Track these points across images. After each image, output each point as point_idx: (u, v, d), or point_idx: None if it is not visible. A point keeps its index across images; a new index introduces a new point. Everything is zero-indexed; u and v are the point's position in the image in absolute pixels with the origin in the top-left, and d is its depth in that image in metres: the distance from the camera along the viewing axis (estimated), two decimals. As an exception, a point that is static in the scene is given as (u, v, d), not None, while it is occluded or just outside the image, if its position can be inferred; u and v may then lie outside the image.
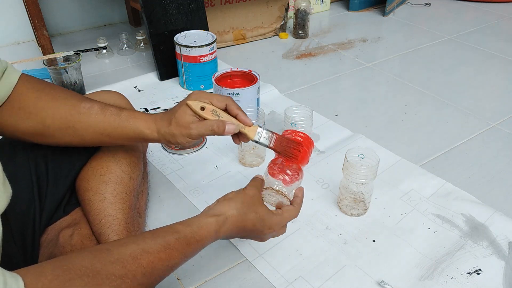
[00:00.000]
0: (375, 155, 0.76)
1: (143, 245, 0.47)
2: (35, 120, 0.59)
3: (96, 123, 0.61)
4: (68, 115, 0.60)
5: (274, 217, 0.61)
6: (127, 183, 0.70)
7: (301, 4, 1.61)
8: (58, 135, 0.60)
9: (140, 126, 0.62)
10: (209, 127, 0.60)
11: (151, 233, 0.50)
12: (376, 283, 0.68)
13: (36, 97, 0.59)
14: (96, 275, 0.42)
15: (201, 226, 0.53)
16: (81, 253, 0.44)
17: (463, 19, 1.87)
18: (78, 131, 0.61)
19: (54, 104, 0.60)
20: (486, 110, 1.19)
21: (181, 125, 0.60)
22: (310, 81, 1.34)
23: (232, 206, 0.57)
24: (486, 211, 0.82)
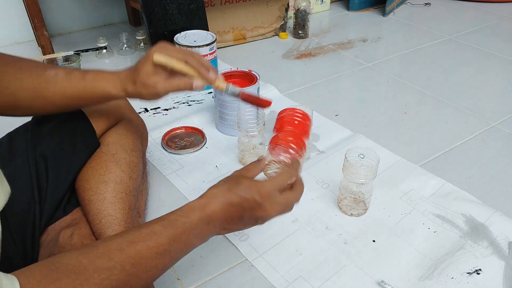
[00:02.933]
0: (375, 155, 0.76)
1: (128, 236, 0.47)
2: (5, 95, 0.60)
3: (64, 89, 0.62)
4: (36, 85, 0.61)
5: (266, 183, 0.55)
6: (127, 183, 0.70)
7: (301, 4, 1.61)
8: (31, 105, 0.62)
9: (106, 87, 0.62)
10: (176, 86, 0.61)
11: (138, 225, 0.50)
12: (376, 283, 0.68)
13: (2, 71, 0.59)
14: (83, 271, 0.41)
15: (184, 208, 0.52)
16: (69, 252, 0.44)
17: (463, 19, 1.87)
18: (48, 99, 0.62)
19: (20, 76, 0.60)
20: (486, 110, 1.19)
21: (147, 85, 0.61)
22: (310, 81, 1.34)
23: (216, 185, 0.57)
24: (486, 211, 0.82)
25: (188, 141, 1.03)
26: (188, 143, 1.02)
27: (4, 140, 0.68)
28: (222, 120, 1.04)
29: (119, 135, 0.75)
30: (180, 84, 0.61)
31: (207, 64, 0.63)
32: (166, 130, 1.05)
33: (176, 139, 1.03)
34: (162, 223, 0.49)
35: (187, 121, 1.10)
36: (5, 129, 0.72)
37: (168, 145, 1.01)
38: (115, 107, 0.79)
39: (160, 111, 1.16)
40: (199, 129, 1.06)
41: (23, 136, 0.67)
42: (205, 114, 1.13)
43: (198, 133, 1.05)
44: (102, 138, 0.74)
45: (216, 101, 1.03)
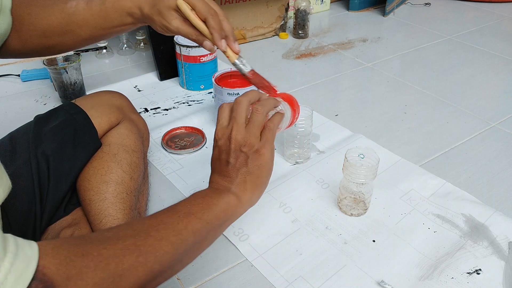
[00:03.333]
0: (375, 155, 0.76)
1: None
2: (37, 35, 0.62)
3: (87, 19, 0.63)
4: (61, 20, 0.62)
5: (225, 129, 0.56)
6: (128, 183, 0.70)
7: (301, 4, 1.61)
8: (61, 42, 0.64)
9: (124, 6, 0.63)
10: (187, 33, 0.62)
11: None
12: (376, 283, 0.68)
13: (28, 13, 0.61)
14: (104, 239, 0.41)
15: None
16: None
17: (463, 19, 1.87)
18: (75, 32, 0.63)
19: (45, 14, 0.62)
20: (486, 110, 1.19)
21: (162, 15, 0.61)
22: (310, 81, 1.34)
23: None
24: (486, 211, 0.82)
25: (188, 141, 1.03)
26: (188, 143, 1.02)
27: (5, 140, 0.68)
28: (222, 120, 1.04)
29: (121, 136, 0.75)
30: (192, 34, 0.61)
31: (226, 29, 0.62)
32: (166, 130, 1.05)
33: (176, 139, 1.03)
34: (173, 204, 0.51)
35: (187, 121, 1.10)
36: (7, 129, 0.72)
37: (168, 145, 1.01)
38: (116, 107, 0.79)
39: (160, 111, 1.17)
40: (199, 129, 1.06)
41: (24, 136, 0.67)
42: (205, 114, 1.13)
43: (198, 133, 1.05)
44: (104, 138, 0.74)
45: (216, 101, 1.03)
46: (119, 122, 0.78)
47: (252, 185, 0.54)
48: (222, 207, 0.51)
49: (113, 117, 0.76)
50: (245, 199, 0.54)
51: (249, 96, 0.57)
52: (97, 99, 0.78)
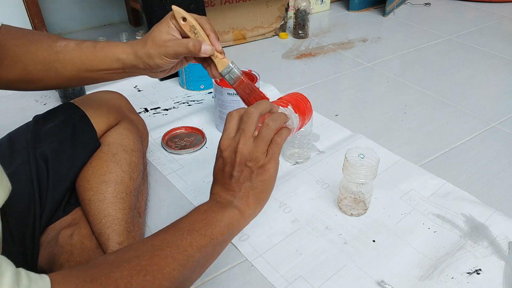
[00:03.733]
0: (375, 155, 0.76)
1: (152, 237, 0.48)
2: (18, 68, 0.60)
3: (74, 59, 0.61)
4: (46, 56, 0.60)
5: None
6: (127, 183, 0.70)
7: (301, 4, 1.61)
8: (42, 78, 0.61)
9: (116, 52, 0.61)
10: (185, 45, 0.59)
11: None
12: (376, 283, 0.68)
13: (15, 45, 0.59)
14: (111, 262, 0.41)
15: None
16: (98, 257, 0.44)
17: (463, 19, 1.87)
18: (59, 70, 0.61)
19: (32, 49, 0.60)
20: (486, 110, 1.19)
21: (157, 44, 0.59)
22: (310, 81, 1.34)
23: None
24: (486, 211, 0.82)
25: (188, 141, 1.03)
26: (188, 143, 1.02)
27: (4, 140, 0.68)
28: (222, 120, 1.04)
29: (120, 135, 0.75)
30: (189, 44, 0.59)
31: (216, 34, 0.62)
32: (166, 130, 1.05)
33: (176, 139, 1.03)
34: (173, 222, 0.50)
35: (187, 121, 1.10)
36: (6, 129, 0.72)
37: (168, 145, 1.01)
38: (115, 107, 0.79)
39: (160, 111, 1.16)
40: (199, 129, 1.06)
41: (23, 136, 0.67)
42: (205, 114, 1.13)
43: (198, 133, 1.05)
44: (103, 138, 0.74)
45: (216, 101, 1.03)
46: (118, 122, 0.78)
47: (255, 199, 0.54)
48: (225, 222, 0.51)
49: (112, 117, 0.76)
50: (247, 213, 0.53)
51: (261, 108, 0.55)
52: (96, 99, 0.78)
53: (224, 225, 0.51)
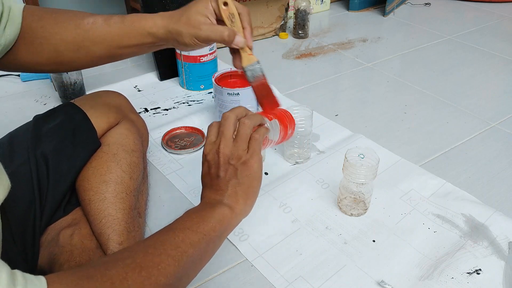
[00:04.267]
0: (375, 155, 0.76)
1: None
2: (48, 50, 0.59)
3: (104, 36, 0.60)
4: (76, 35, 0.59)
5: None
6: (127, 183, 0.70)
7: (301, 4, 1.61)
8: (73, 58, 0.61)
9: (146, 27, 0.60)
10: (220, 33, 0.59)
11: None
12: (376, 283, 0.68)
13: (42, 26, 0.58)
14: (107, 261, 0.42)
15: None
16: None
17: (463, 19, 1.87)
18: (89, 48, 0.60)
19: (59, 30, 0.59)
20: (486, 110, 1.19)
21: (191, 24, 0.58)
22: (310, 81, 1.34)
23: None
24: (486, 211, 0.82)
25: (188, 141, 1.03)
26: (188, 143, 1.02)
27: (5, 140, 0.68)
28: (222, 120, 1.04)
29: (120, 135, 0.75)
30: (224, 33, 0.59)
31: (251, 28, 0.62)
32: (166, 130, 1.05)
33: (176, 139, 1.03)
34: (167, 225, 0.50)
35: (187, 121, 1.10)
36: (7, 129, 0.72)
37: (168, 145, 1.01)
38: (115, 107, 0.79)
39: (160, 111, 1.17)
40: (199, 129, 1.06)
41: (23, 136, 0.67)
42: (205, 114, 1.13)
43: (198, 133, 1.05)
44: (103, 138, 0.74)
45: (216, 101, 1.03)
46: (118, 122, 0.78)
47: (244, 195, 0.55)
48: (216, 218, 0.52)
49: (112, 117, 0.76)
50: (238, 209, 0.54)
51: (236, 111, 0.57)
52: (96, 99, 0.78)
53: (215, 221, 0.51)
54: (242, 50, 0.63)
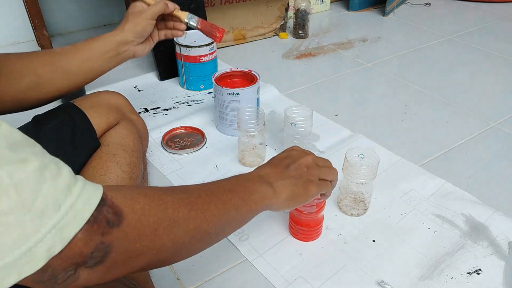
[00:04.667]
0: (375, 155, 0.76)
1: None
2: (29, 75, 0.66)
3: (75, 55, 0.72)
4: (51, 58, 0.69)
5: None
6: (127, 183, 0.70)
7: (301, 4, 1.61)
8: (52, 79, 0.68)
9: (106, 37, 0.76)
10: (158, 5, 0.78)
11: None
12: (376, 283, 0.68)
13: (18, 58, 0.66)
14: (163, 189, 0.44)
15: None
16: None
17: (463, 19, 1.87)
18: (66, 69, 0.70)
19: (37, 58, 0.67)
20: (486, 110, 1.19)
21: (137, 14, 0.77)
22: (310, 81, 1.34)
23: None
24: (486, 211, 0.82)
25: (188, 141, 1.03)
26: (188, 143, 1.02)
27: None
28: (222, 120, 1.04)
29: (120, 136, 0.75)
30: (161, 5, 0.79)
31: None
32: (166, 130, 1.05)
33: (176, 139, 1.03)
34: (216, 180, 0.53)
35: (187, 121, 1.10)
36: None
37: (168, 145, 1.01)
38: (115, 107, 0.79)
39: (160, 111, 1.17)
40: (199, 129, 1.06)
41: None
42: (205, 114, 1.13)
43: (198, 133, 1.05)
44: (103, 138, 0.74)
45: (216, 101, 1.03)
46: (118, 122, 0.78)
47: (289, 194, 0.58)
48: (261, 194, 0.54)
49: (111, 117, 0.76)
50: (279, 198, 0.57)
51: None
52: (96, 99, 0.78)
53: (259, 196, 0.54)
54: (176, 12, 0.82)
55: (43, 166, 0.32)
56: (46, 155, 0.35)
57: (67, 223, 0.32)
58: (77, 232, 0.33)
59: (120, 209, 0.37)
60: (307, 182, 0.59)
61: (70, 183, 0.34)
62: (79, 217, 0.33)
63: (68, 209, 0.32)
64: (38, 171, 0.32)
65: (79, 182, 0.35)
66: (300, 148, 0.64)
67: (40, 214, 0.31)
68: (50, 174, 0.33)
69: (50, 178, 0.32)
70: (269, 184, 0.57)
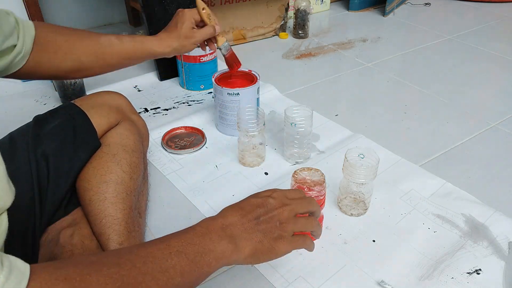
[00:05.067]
0: (375, 155, 0.76)
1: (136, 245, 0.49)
2: (72, 59, 0.72)
3: (119, 51, 0.78)
4: (97, 49, 0.75)
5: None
6: (127, 183, 0.70)
7: (301, 4, 1.61)
8: (92, 67, 0.75)
9: (152, 47, 0.81)
10: (209, 32, 0.85)
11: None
12: (376, 283, 0.68)
13: (66, 40, 0.71)
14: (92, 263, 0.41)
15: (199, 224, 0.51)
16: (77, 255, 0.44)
17: (463, 19, 1.87)
18: (106, 60, 0.77)
19: (82, 44, 0.73)
20: (486, 110, 1.19)
21: (188, 36, 0.83)
22: (310, 81, 1.34)
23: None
24: (486, 211, 0.82)
25: (188, 141, 1.03)
26: (188, 143, 1.02)
27: (5, 140, 0.68)
28: (222, 120, 1.04)
29: (120, 136, 0.75)
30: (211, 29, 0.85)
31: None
32: (166, 130, 1.05)
33: (176, 139, 1.03)
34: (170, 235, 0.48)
35: (187, 121, 1.10)
36: (7, 129, 0.72)
37: (168, 145, 1.01)
38: (116, 107, 0.79)
39: (160, 111, 1.17)
40: (199, 129, 1.06)
41: (24, 136, 0.67)
42: (205, 114, 1.13)
43: (198, 133, 1.05)
44: (103, 138, 0.74)
45: (216, 101, 1.03)
46: (119, 123, 0.78)
47: (253, 249, 0.51)
48: (216, 254, 0.48)
49: (112, 118, 0.76)
50: (242, 253, 0.51)
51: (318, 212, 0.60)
52: (96, 100, 0.79)
53: (214, 256, 0.48)
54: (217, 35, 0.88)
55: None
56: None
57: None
58: None
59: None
60: (276, 239, 0.52)
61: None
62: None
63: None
64: None
65: (4, 271, 0.34)
66: (280, 195, 0.56)
67: None
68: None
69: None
70: (231, 238, 0.50)
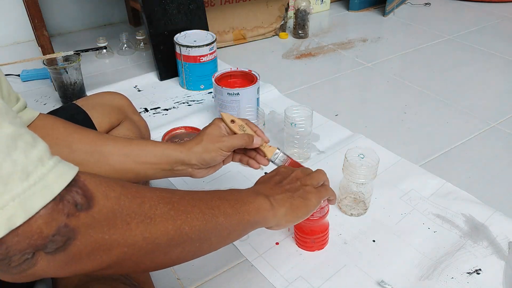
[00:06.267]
0: (375, 155, 0.76)
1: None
2: (61, 145, 0.58)
3: (122, 145, 0.60)
4: (96, 139, 0.60)
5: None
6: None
7: (301, 4, 1.61)
8: (84, 159, 0.58)
9: (167, 149, 0.62)
10: (241, 139, 0.65)
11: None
12: (376, 283, 0.68)
13: (64, 127, 0.59)
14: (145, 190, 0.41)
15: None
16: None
17: (463, 19, 1.87)
18: (104, 154, 0.59)
19: (81, 132, 0.60)
20: (486, 110, 1.19)
21: (214, 139, 0.63)
22: (310, 81, 1.34)
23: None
24: (486, 211, 0.82)
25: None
26: (188, 143, 1.02)
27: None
28: (222, 120, 1.04)
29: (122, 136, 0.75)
30: (244, 137, 0.65)
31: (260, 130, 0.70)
32: (166, 130, 1.05)
33: (176, 139, 1.03)
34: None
35: (187, 121, 1.10)
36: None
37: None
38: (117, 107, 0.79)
39: (160, 111, 1.17)
40: (199, 129, 1.06)
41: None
42: (205, 114, 1.13)
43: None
44: (104, 139, 0.74)
45: (216, 101, 1.03)
46: (120, 123, 0.78)
47: (288, 209, 0.55)
48: (255, 205, 0.52)
49: (113, 118, 0.76)
50: (279, 212, 0.54)
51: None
52: (98, 100, 0.78)
53: (253, 207, 0.51)
54: (263, 147, 0.69)
55: (17, 135, 0.30)
56: (24, 127, 0.32)
57: (33, 194, 0.30)
58: (42, 206, 0.30)
59: (91, 193, 0.34)
60: (305, 193, 0.58)
61: (44, 156, 0.32)
62: (47, 190, 0.31)
63: (37, 180, 0.30)
64: (10, 137, 0.30)
65: (54, 157, 0.33)
66: (286, 167, 0.64)
67: (5, 179, 0.29)
68: (24, 143, 0.31)
69: (22, 147, 0.30)
70: (265, 196, 0.54)
